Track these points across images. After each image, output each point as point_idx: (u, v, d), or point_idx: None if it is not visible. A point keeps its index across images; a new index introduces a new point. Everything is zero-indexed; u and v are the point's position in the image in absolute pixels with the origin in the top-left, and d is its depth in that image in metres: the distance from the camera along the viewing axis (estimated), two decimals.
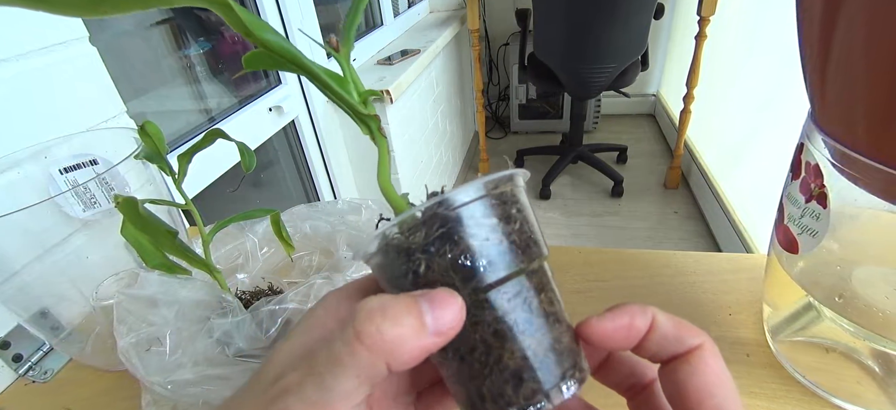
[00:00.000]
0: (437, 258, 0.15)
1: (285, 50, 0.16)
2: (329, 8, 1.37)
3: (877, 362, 0.29)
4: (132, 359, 0.26)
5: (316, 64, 0.17)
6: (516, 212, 0.16)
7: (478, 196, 0.16)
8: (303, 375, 0.14)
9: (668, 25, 2.34)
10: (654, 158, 2.21)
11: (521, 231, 0.16)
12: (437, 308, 0.14)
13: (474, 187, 0.16)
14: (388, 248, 0.16)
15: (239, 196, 1.03)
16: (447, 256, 0.15)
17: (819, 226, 0.26)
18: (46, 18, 0.50)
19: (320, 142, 1.24)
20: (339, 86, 0.18)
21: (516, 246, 0.16)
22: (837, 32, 0.21)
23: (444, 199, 0.15)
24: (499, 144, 2.51)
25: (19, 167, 0.38)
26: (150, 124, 0.29)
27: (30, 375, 0.41)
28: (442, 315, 0.14)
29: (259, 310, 0.27)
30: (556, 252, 0.45)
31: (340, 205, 0.39)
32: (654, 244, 1.70)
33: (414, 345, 0.13)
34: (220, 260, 0.37)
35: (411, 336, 0.13)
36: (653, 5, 1.52)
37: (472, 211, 0.15)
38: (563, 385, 0.15)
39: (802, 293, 0.30)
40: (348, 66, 0.19)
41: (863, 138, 0.22)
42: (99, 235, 0.37)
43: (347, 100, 0.18)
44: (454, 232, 0.15)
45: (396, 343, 0.13)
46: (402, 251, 0.16)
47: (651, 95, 2.62)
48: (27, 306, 0.35)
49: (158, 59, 0.84)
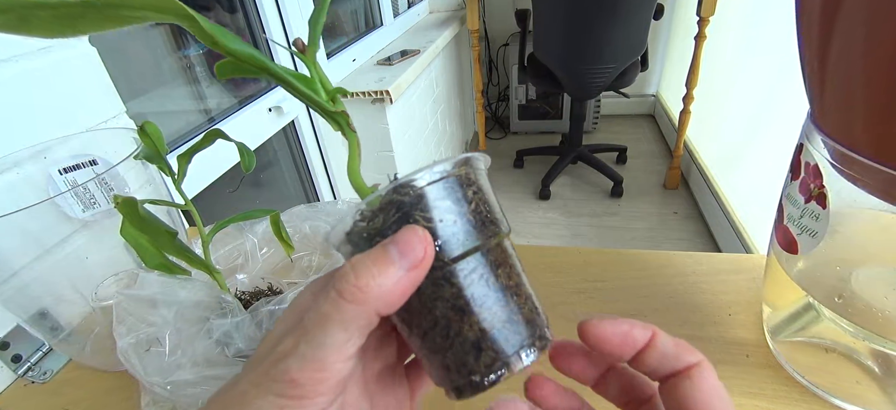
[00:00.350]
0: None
1: (252, 56, 0.17)
2: (329, 9, 1.37)
3: (876, 362, 0.29)
4: (131, 360, 0.26)
5: (283, 68, 0.18)
6: (473, 193, 0.17)
7: (433, 180, 0.16)
8: (296, 338, 0.15)
9: (668, 26, 2.34)
10: (654, 159, 2.21)
11: (476, 211, 0.17)
12: (404, 245, 0.15)
13: (429, 171, 0.16)
14: (352, 235, 0.17)
15: (238, 196, 1.03)
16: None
17: (818, 227, 0.26)
18: None
19: (320, 142, 1.24)
20: (306, 87, 0.19)
21: (472, 226, 0.17)
22: (836, 33, 0.21)
23: (400, 184, 0.16)
24: (498, 145, 2.51)
25: (19, 167, 0.38)
26: (149, 124, 0.29)
27: (29, 375, 0.41)
28: (410, 249, 0.15)
29: (258, 311, 0.27)
30: (556, 252, 0.45)
31: (340, 205, 0.39)
32: (653, 244, 1.70)
33: (392, 286, 0.15)
34: (219, 260, 0.37)
35: (387, 278, 0.15)
36: (652, 6, 1.53)
37: (428, 194, 0.16)
38: (522, 352, 0.16)
39: (802, 293, 0.30)
40: (314, 65, 0.20)
41: (862, 138, 0.22)
42: (98, 236, 0.37)
43: (314, 99, 0.19)
44: (410, 215, 0.16)
45: (375, 289, 0.14)
46: (365, 236, 0.17)
47: (650, 96, 2.62)
48: (26, 306, 0.35)
49: (158, 59, 0.84)
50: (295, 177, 1.24)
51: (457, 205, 0.17)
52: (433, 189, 0.16)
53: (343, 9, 1.48)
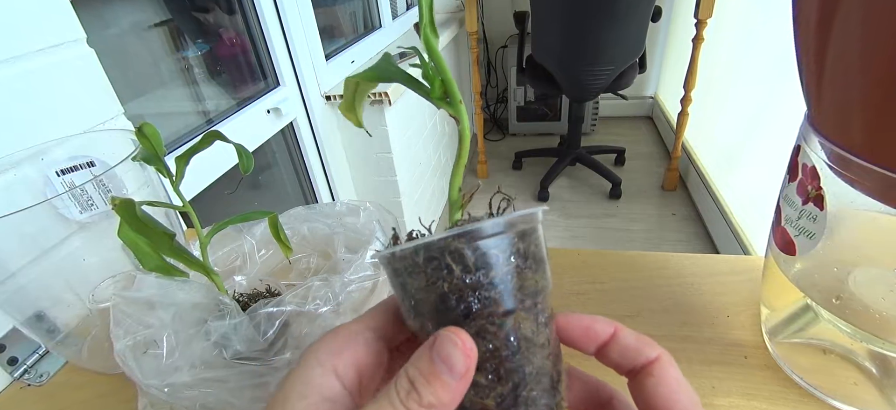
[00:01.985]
0: (452, 284, 0.16)
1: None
2: (328, 10, 1.37)
3: (874, 363, 0.29)
4: (129, 362, 0.26)
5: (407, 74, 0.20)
6: (534, 249, 0.17)
7: (497, 231, 0.16)
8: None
9: (666, 28, 2.35)
10: (652, 160, 2.21)
11: (528, 272, 0.17)
12: (446, 359, 0.15)
13: (496, 223, 0.16)
14: (407, 263, 0.16)
15: (237, 198, 1.03)
16: (459, 284, 0.16)
17: (816, 228, 0.26)
18: (44, 20, 0.49)
19: (318, 143, 1.23)
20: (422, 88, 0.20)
21: (522, 286, 0.16)
22: (833, 34, 0.21)
23: (467, 232, 0.16)
24: (497, 146, 2.51)
25: (16, 169, 0.38)
26: (147, 126, 0.29)
27: (25, 378, 0.40)
28: (452, 364, 0.15)
29: (257, 313, 0.27)
30: (555, 254, 0.45)
31: (339, 206, 0.39)
32: (651, 246, 1.70)
33: (450, 400, 0.15)
34: (217, 262, 0.37)
35: (446, 394, 0.15)
36: (650, 8, 1.53)
37: (492, 246, 0.16)
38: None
39: (800, 294, 0.30)
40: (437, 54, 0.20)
41: (858, 140, 0.22)
42: (96, 237, 0.37)
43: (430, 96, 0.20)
44: (470, 262, 0.15)
45: (439, 407, 0.15)
46: (420, 270, 0.16)
47: (649, 98, 2.62)
48: (23, 309, 0.34)
49: (156, 60, 0.84)
50: (293, 178, 1.23)
51: (517, 261, 0.16)
52: (498, 241, 0.16)
53: (342, 10, 1.48)
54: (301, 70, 1.14)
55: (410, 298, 0.17)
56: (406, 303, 0.17)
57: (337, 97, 1.23)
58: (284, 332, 0.28)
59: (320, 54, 1.20)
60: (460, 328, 0.15)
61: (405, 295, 0.17)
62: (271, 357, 0.27)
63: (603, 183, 2.01)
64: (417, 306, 0.16)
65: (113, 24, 0.74)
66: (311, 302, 0.28)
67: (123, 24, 0.76)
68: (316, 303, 0.28)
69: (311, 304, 0.28)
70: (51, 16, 0.50)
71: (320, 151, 1.25)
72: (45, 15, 0.49)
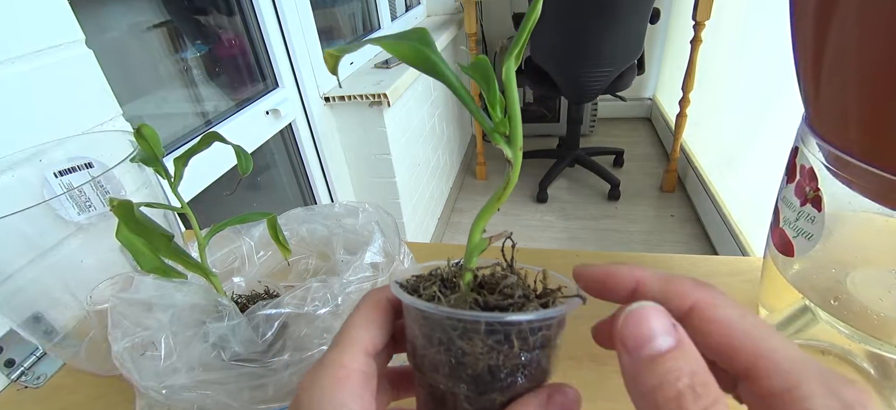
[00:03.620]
0: (508, 359, 0.16)
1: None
2: (326, 12, 1.37)
3: (872, 364, 0.29)
4: (126, 364, 0.25)
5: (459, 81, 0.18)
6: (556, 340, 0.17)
7: (560, 315, 0.16)
8: None
9: (664, 30, 2.36)
10: (651, 162, 2.22)
11: (544, 358, 0.17)
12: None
13: (563, 310, 0.16)
14: (433, 318, 0.17)
15: (235, 199, 1.02)
16: (516, 361, 0.16)
17: (814, 229, 0.26)
18: (42, 21, 0.49)
19: (317, 145, 1.23)
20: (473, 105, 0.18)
21: (529, 374, 0.16)
22: (830, 36, 0.21)
23: (548, 317, 0.16)
24: (496, 148, 2.51)
25: (14, 170, 0.38)
26: (146, 127, 0.29)
27: (22, 380, 0.40)
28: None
29: (255, 314, 0.27)
30: (554, 255, 0.45)
31: (337, 208, 0.39)
32: (650, 247, 1.70)
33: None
34: (216, 263, 0.37)
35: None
36: (649, 10, 1.54)
37: (554, 326, 0.16)
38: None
39: (798, 295, 0.30)
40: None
41: (856, 141, 0.22)
42: (94, 239, 0.37)
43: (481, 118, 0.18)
44: (531, 342, 0.16)
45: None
46: (477, 337, 0.16)
47: (647, 99, 2.63)
48: (20, 310, 0.34)
49: (155, 62, 0.84)
50: (292, 179, 1.23)
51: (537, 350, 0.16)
52: (553, 323, 0.16)
53: (341, 12, 1.48)
54: (300, 71, 1.14)
55: (449, 355, 0.16)
56: (433, 355, 0.17)
57: (336, 98, 1.23)
58: (283, 334, 0.28)
59: (319, 55, 1.20)
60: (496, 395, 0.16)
61: (436, 347, 0.17)
62: (270, 359, 0.27)
63: (602, 184, 2.02)
64: (457, 367, 0.16)
65: (112, 26, 0.74)
66: (310, 304, 0.28)
67: (122, 25, 0.76)
68: (315, 305, 0.28)
69: (309, 306, 0.28)
70: (49, 17, 0.50)
71: (319, 152, 1.25)
72: (43, 16, 0.49)
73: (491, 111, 0.18)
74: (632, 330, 0.14)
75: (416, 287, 0.18)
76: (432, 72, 0.17)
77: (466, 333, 0.16)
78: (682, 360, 0.13)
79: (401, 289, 0.17)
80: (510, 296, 0.17)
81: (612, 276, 0.17)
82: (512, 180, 0.18)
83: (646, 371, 0.13)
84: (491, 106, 0.17)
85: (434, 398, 0.18)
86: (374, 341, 0.17)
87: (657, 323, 0.14)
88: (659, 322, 0.14)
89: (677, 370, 0.13)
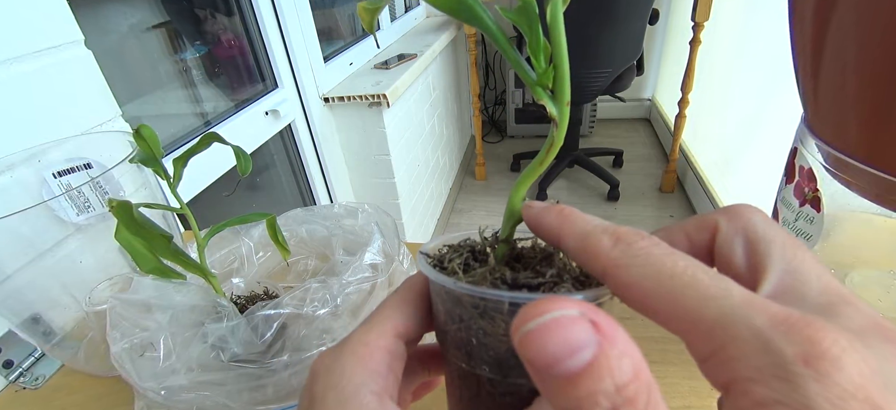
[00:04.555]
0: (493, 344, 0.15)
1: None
2: (326, 12, 1.38)
3: None
4: (125, 365, 0.25)
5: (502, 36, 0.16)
6: None
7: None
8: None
9: (663, 31, 2.36)
10: (650, 162, 2.22)
11: None
12: None
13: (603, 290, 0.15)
14: (453, 294, 0.15)
15: (235, 200, 1.02)
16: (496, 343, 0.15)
17: (813, 230, 0.26)
18: (42, 21, 0.49)
19: (317, 145, 1.23)
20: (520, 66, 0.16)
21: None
22: (829, 37, 0.21)
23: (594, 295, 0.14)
24: (495, 148, 2.52)
25: (12, 170, 0.38)
26: (145, 128, 0.29)
27: (21, 381, 0.40)
28: None
29: (254, 315, 0.27)
30: None
31: (337, 208, 0.39)
32: None
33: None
34: (215, 264, 0.37)
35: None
36: (648, 11, 1.54)
37: None
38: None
39: None
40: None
41: (854, 142, 0.22)
42: (93, 239, 0.37)
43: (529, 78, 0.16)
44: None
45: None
46: (461, 304, 0.15)
47: (646, 100, 2.63)
48: (19, 311, 0.34)
49: (154, 62, 0.84)
50: (291, 180, 1.23)
51: None
52: None
53: (340, 12, 1.48)
54: (299, 72, 1.14)
55: (470, 334, 0.15)
56: (455, 332, 0.16)
57: (335, 99, 1.23)
58: (282, 334, 0.28)
59: (318, 56, 1.20)
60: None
61: (457, 325, 0.16)
62: (269, 360, 0.27)
63: (601, 185, 2.02)
64: (479, 348, 0.15)
65: (111, 26, 0.74)
66: (309, 305, 0.28)
67: (121, 25, 0.76)
68: (314, 305, 0.28)
69: (308, 307, 0.28)
70: (48, 17, 0.50)
71: (318, 153, 1.25)
72: (42, 16, 0.49)
73: (534, 61, 0.15)
74: (538, 351, 0.11)
75: (442, 259, 0.17)
76: (470, 17, 0.15)
77: (488, 312, 0.14)
78: (605, 374, 0.10)
79: (425, 261, 0.16)
80: (542, 275, 0.15)
81: (540, 226, 0.15)
82: (556, 141, 0.15)
83: (560, 393, 0.11)
84: (534, 54, 0.15)
85: (460, 376, 0.16)
86: (407, 322, 0.16)
87: (570, 335, 0.11)
88: (573, 333, 0.11)
89: (595, 392, 0.10)
